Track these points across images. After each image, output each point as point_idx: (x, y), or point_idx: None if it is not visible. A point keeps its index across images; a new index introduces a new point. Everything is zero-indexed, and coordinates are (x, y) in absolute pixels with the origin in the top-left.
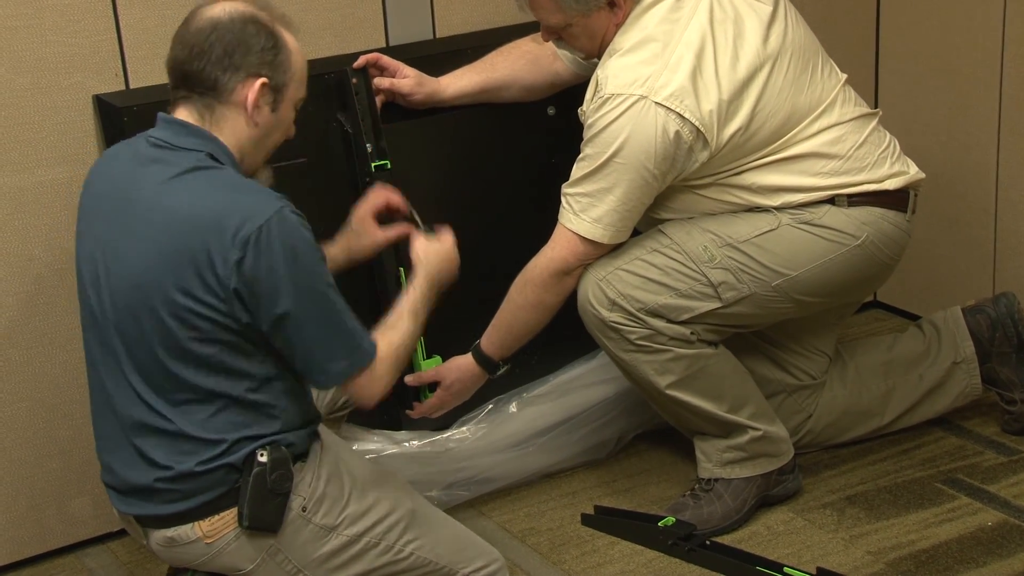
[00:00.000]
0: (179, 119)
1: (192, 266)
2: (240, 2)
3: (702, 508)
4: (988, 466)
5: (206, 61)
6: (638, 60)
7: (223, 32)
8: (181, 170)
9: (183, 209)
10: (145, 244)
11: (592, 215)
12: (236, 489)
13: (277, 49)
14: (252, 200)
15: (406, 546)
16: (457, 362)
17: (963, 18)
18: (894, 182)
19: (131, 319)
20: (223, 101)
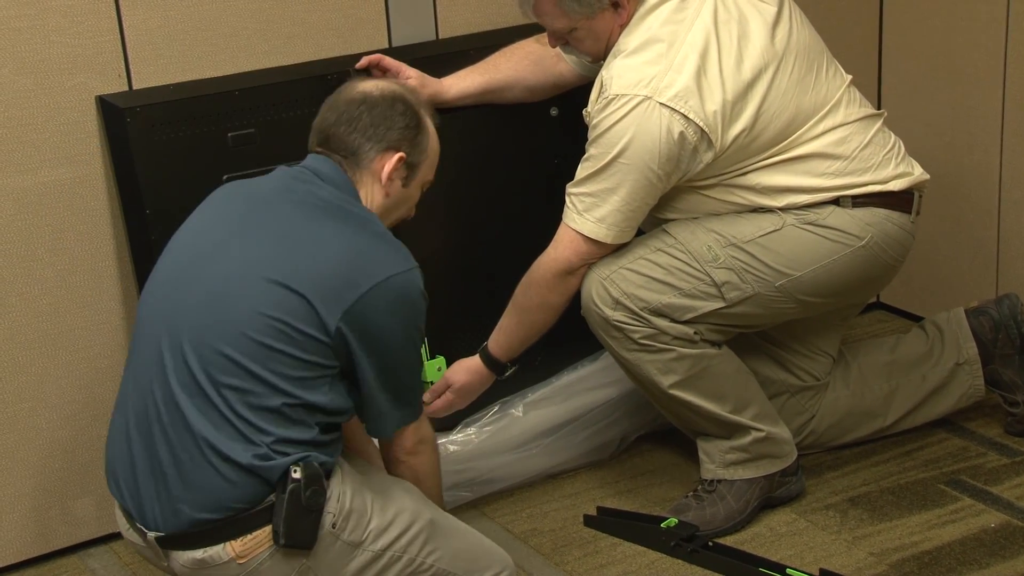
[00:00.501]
0: (329, 159)
1: (317, 282)
2: (392, 83)
3: (705, 509)
4: (991, 468)
5: (352, 128)
6: (643, 61)
7: (372, 105)
8: (332, 196)
9: (329, 231)
10: (273, 244)
11: (596, 215)
12: (268, 508)
13: (418, 130)
14: (392, 250)
15: (427, 557)
16: (465, 364)
17: (966, 19)
18: (899, 183)
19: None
20: (360, 167)
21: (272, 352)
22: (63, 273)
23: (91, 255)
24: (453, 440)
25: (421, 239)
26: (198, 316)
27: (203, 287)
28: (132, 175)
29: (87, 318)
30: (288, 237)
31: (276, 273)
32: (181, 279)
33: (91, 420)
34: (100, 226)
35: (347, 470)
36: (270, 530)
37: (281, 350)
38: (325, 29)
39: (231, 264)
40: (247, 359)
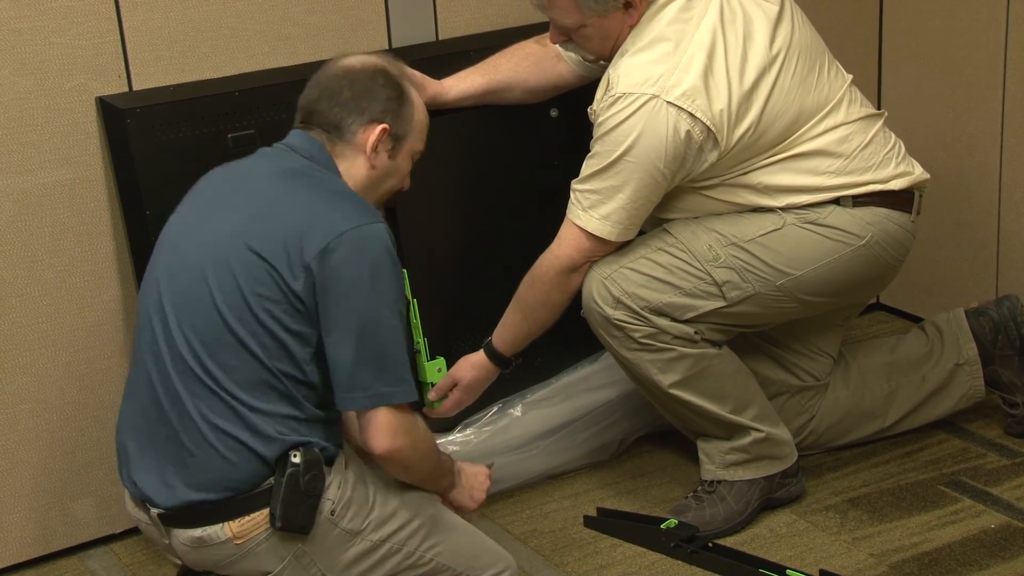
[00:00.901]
0: (308, 134)
1: (279, 242)
2: (375, 56)
3: (705, 510)
4: (991, 468)
5: (334, 103)
6: (650, 59)
7: (354, 79)
8: (301, 166)
9: (291, 195)
10: (241, 215)
11: (600, 212)
12: (267, 490)
13: (401, 101)
14: (356, 208)
15: (427, 552)
16: (470, 360)
17: (966, 19)
18: (899, 182)
19: (200, 278)
20: (344, 140)
21: (250, 324)
22: (63, 274)
23: (91, 256)
24: (453, 441)
25: (423, 239)
26: (181, 297)
27: (183, 269)
28: (132, 176)
29: (87, 319)
30: (253, 207)
31: (240, 244)
32: (167, 263)
33: (91, 421)
34: (100, 227)
35: (352, 460)
36: (268, 512)
37: (259, 320)
38: (325, 30)
39: (204, 243)
40: (228, 335)
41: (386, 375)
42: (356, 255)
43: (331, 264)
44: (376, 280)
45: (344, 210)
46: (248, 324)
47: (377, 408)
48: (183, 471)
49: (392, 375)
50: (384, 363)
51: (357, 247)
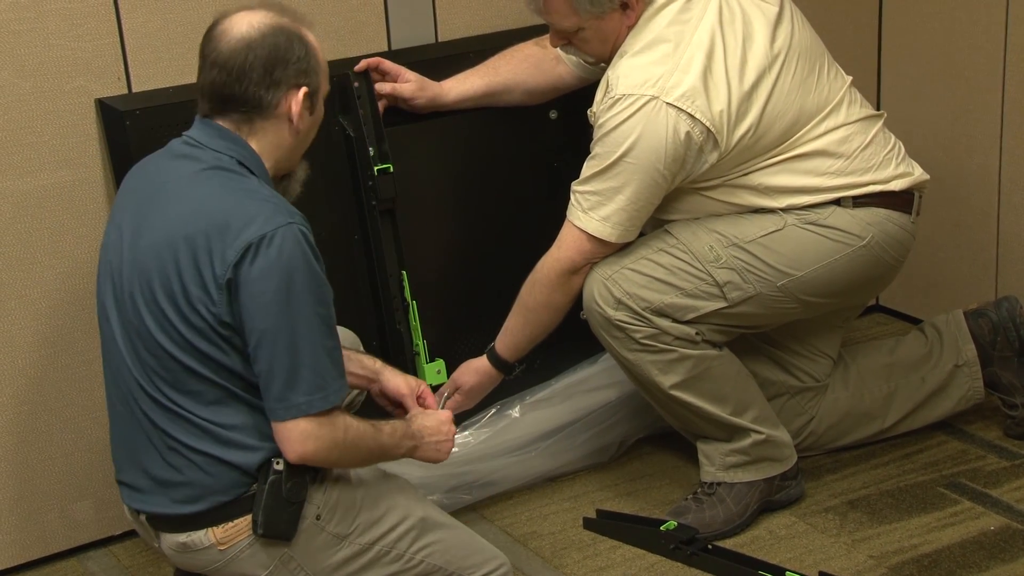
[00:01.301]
0: (214, 122)
1: (192, 256)
2: (260, 11)
3: (704, 512)
4: (990, 470)
5: (248, 82)
6: (649, 61)
7: (258, 50)
8: (206, 166)
9: (197, 202)
10: (157, 232)
11: (601, 213)
12: (250, 496)
13: (308, 55)
14: (264, 209)
15: (417, 554)
16: (472, 365)
17: (966, 21)
18: (899, 183)
19: (131, 303)
20: (265, 116)
21: (191, 349)
22: (62, 276)
23: (90, 258)
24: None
25: (423, 241)
26: (128, 331)
27: (122, 300)
28: None
29: (86, 321)
30: (166, 221)
31: (159, 268)
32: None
33: (90, 423)
34: (99, 229)
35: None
36: (250, 519)
37: (197, 344)
38: (324, 32)
39: (131, 270)
40: (177, 364)
41: (300, 386)
42: (268, 265)
43: (246, 278)
44: (288, 292)
45: (251, 214)
46: (189, 350)
47: (296, 419)
48: (168, 488)
49: (307, 384)
50: (297, 375)
51: (269, 256)
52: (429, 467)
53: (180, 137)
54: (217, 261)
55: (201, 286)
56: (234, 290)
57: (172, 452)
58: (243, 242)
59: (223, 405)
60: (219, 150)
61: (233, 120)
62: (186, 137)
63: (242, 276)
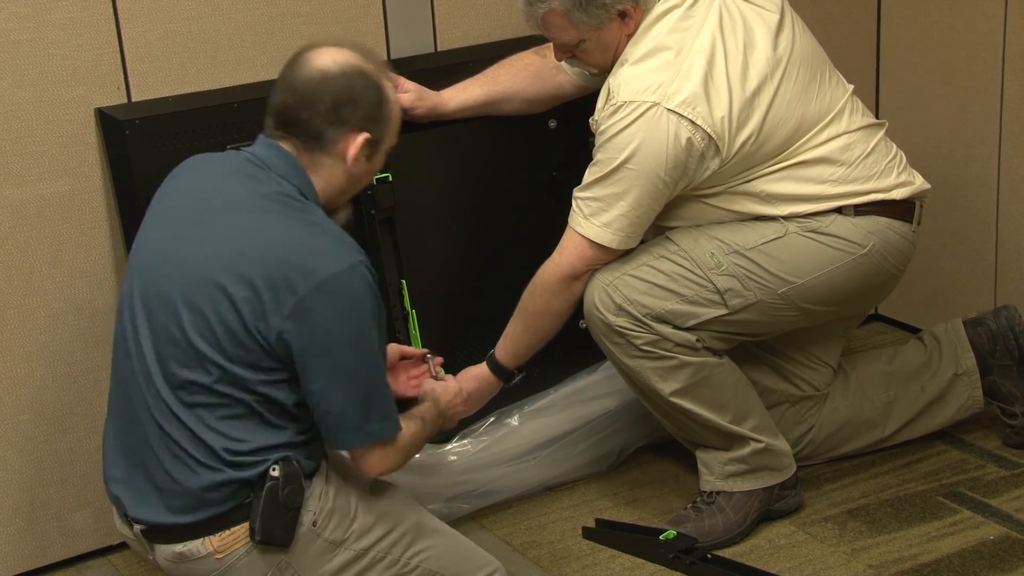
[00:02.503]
0: (281, 146)
1: (253, 287)
2: (348, 51)
3: (703, 521)
4: (990, 480)
5: (314, 112)
6: (650, 68)
7: (332, 85)
8: (272, 191)
9: (265, 230)
10: (217, 248)
11: (602, 220)
12: (247, 504)
13: (380, 104)
14: (334, 246)
15: (411, 559)
16: (473, 372)
17: (964, 30)
18: (900, 192)
19: (175, 315)
20: (323, 150)
21: (225, 368)
22: (61, 285)
23: (90, 267)
24: (450, 451)
25: (423, 249)
26: (157, 336)
27: (159, 307)
28: (131, 187)
29: (85, 330)
30: (226, 242)
31: (212, 286)
32: (142, 295)
33: (89, 432)
34: (99, 238)
35: (333, 469)
36: (248, 526)
37: (233, 365)
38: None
39: (177, 280)
40: (204, 377)
41: (373, 414)
42: (334, 307)
43: (311, 315)
44: (357, 330)
45: (322, 251)
46: (223, 368)
47: (373, 446)
48: (164, 496)
49: (377, 412)
50: (370, 404)
51: (337, 295)
52: (427, 476)
53: (240, 151)
54: (284, 293)
55: (260, 314)
56: (296, 325)
57: (177, 461)
58: (316, 279)
59: (239, 422)
60: (283, 175)
61: (294, 145)
62: (249, 155)
63: (312, 312)
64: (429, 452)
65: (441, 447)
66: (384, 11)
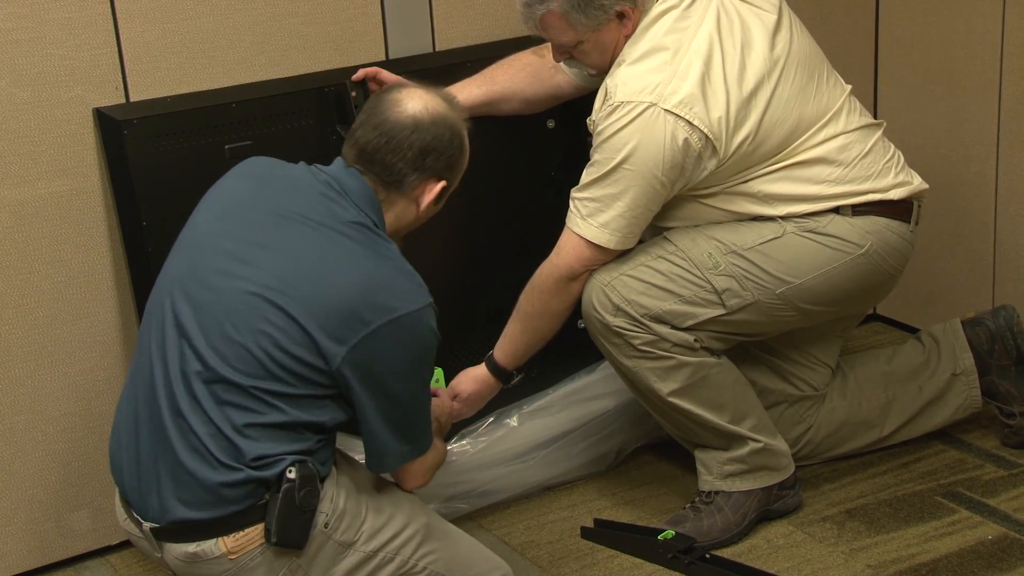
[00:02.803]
0: (361, 177)
1: (326, 311)
2: (437, 98)
3: (702, 521)
4: (988, 479)
5: (399, 158)
6: (647, 68)
7: (423, 134)
8: (355, 220)
9: (346, 258)
10: (291, 262)
11: (600, 220)
12: (262, 505)
13: (460, 155)
14: (409, 286)
15: (420, 560)
16: (471, 373)
17: (962, 31)
18: (898, 192)
19: (227, 314)
20: (400, 192)
21: (272, 374)
22: (60, 285)
23: (88, 267)
24: (450, 451)
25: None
26: (206, 328)
27: (214, 299)
28: (129, 187)
29: (84, 330)
30: (297, 261)
31: (285, 298)
32: (195, 290)
33: (87, 432)
34: (97, 238)
35: (343, 471)
36: (262, 528)
37: (279, 374)
38: (322, 42)
39: (238, 287)
40: (246, 378)
41: (414, 439)
42: (402, 343)
43: (375, 349)
44: (418, 366)
45: (396, 288)
46: (267, 380)
47: (412, 462)
48: (177, 488)
49: (418, 435)
50: (413, 432)
51: (404, 335)
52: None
53: (318, 170)
54: (354, 324)
55: (329, 337)
56: (364, 355)
57: (195, 454)
58: (389, 315)
59: (268, 429)
60: (361, 206)
61: (372, 181)
62: (328, 177)
63: (378, 345)
64: None
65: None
66: (382, 11)
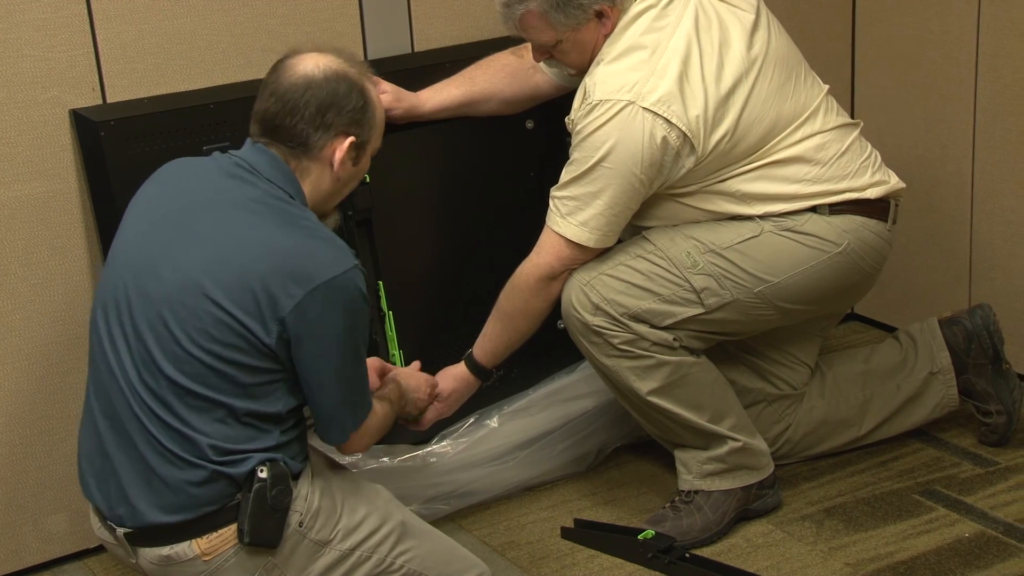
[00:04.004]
0: (272, 152)
1: (248, 287)
2: (330, 56)
3: (682, 520)
4: (965, 477)
5: (299, 119)
6: (626, 67)
7: (317, 90)
8: (265, 195)
9: (260, 234)
10: (207, 251)
11: (579, 219)
12: (235, 505)
13: (365, 108)
14: (330, 251)
15: (397, 558)
16: (451, 371)
17: (938, 31)
18: (875, 191)
19: (165, 306)
20: (309, 156)
21: (215, 369)
22: (36, 287)
23: (65, 269)
24: (431, 452)
25: (400, 250)
26: (146, 335)
27: (143, 309)
28: (106, 189)
29: (60, 333)
30: (215, 247)
31: (201, 294)
32: (125, 297)
33: (65, 435)
34: (74, 240)
35: (317, 470)
36: (236, 528)
37: (222, 368)
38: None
39: (163, 284)
40: (192, 379)
41: (357, 407)
42: (332, 308)
43: (307, 319)
44: (351, 330)
45: (318, 256)
46: (207, 378)
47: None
48: (150, 493)
49: (360, 402)
50: (356, 399)
51: (333, 300)
52: (407, 477)
53: (227, 155)
54: (281, 299)
55: (256, 318)
56: (293, 328)
57: (161, 458)
58: (311, 285)
59: (224, 424)
60: (272, 180)
61: (281, 152)
62: (237, 158)
63: (308, 315)
64: (408, 454)
65: (420, 448)
66: (361, 12)
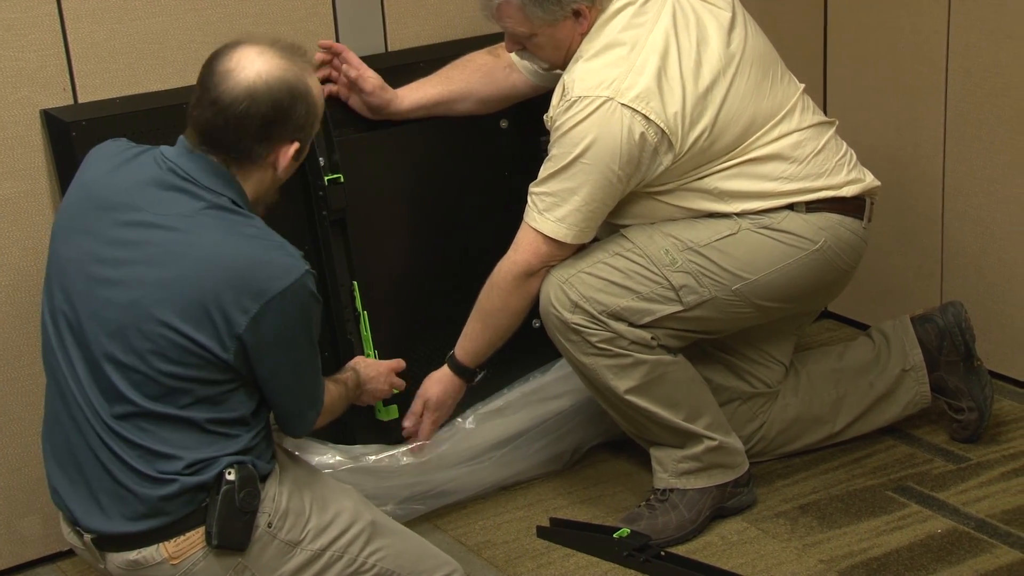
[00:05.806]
0: (208, 158)
1: (201, 306)
2: (270, 54)
3: (657, 518)
4: (937, 474)
5: (243, 135)
6: (604, 64)
7: (260, 104)
8: (208, 206)
9: (208, 250)
10: (157, 272)
11: (556, 215)
12: (203, 508)
13: (309, 113)
14: (279, 259)
15: (368, 558)
16: (435, 376)
17: (909, 31)
18: (851, 189)
19: (117, 331)
20: (254, 163)
21: (173, 389)
22: (8, 288)
23: (37, 270)
24: (406, 453)
25: (374, 251)
26: (99, 359)
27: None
28: None
29: (32, 334)
30: (170, 265)
31: (165, 308)
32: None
33: (37, 437)
34: (45, 240)
35: (286, 471)
36: (203, 531)
37: (180, 386)
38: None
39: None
40: (152, 400)
41: (315, 402)
42: (287, 317)
43: (263, 332)
44: (306, 331)
45: (268, 268)
46: (169, 395)
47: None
48: (120, 504)
49: (316, 397)
50: (312, 394)
51: (287, 310)
52: (382, 477)
53: (165, 162)
54: (235, 313)
55: (211, 334)
56: (250, 340)
57: (130, 473)
58: (264, 296)
59: (188, 436)
60: (214, 188)
61: (222, 159)
62: (173, 165)
63: (262, 328)
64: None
65: (395, 448)
66: (334, 11)
